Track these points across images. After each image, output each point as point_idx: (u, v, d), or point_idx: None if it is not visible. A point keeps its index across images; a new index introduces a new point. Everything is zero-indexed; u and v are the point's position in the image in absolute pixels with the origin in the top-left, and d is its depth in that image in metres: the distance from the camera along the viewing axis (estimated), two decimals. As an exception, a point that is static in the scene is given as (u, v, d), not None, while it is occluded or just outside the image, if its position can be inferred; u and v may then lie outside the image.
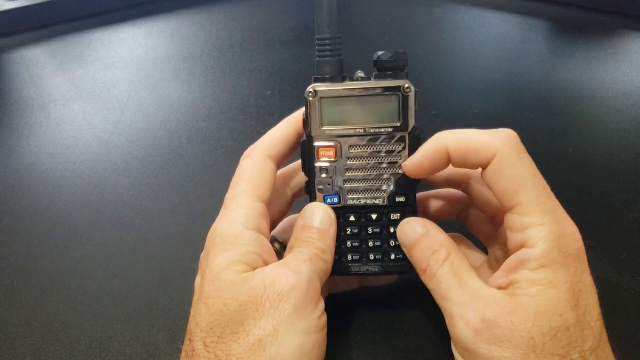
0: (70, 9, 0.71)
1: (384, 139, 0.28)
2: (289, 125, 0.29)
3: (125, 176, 0.46)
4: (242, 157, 0.29)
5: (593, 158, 0.44)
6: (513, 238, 0.24)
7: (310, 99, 0.27)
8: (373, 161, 0.28)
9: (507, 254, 0.26)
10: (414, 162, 0.27)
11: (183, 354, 0.25)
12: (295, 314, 0.23)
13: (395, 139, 0.28)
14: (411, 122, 0.27)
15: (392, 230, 0.29)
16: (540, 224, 0.23)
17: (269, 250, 0.26)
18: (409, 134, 0.27)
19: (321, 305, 0.25)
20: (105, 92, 0.57)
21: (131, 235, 0.40)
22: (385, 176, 0.28)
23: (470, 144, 0.25)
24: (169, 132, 0.51)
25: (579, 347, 0.22)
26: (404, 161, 0.28)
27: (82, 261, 0.38)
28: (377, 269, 0.29)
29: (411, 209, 0.29)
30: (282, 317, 0.23)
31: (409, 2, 0.71)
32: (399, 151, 0.28)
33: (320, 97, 0.27)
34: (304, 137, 0.28)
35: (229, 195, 0.27)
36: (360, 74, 0.28)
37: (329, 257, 0.27)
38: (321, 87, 0.27)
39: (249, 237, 0.25)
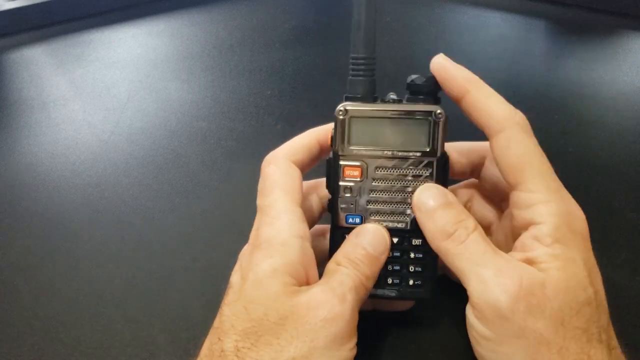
0: (70, 9, 0.71)
1: (412, 163, 0.27)
2: (312, 136, 0.29)
3: (125, 176, 0.46)
4: (265, 164, 0.29)
5: (593, 158, 0.44)
6: (520, 215, 0.25)
7: (341, 117, 0.27)
8: (399, 184, 0.28)
9: (510, 238, 0.27)
10: (446, 64, 0.27)
11: (207, 351, 0.24)
12: (332, 343, 0.23)
13: (423, 164, 0.27)
14: (440, 149, 0.27)
15: (412, 255, 0.28)
16: (547, 201, 0.24)
17: (311, 259, 0.26)
18: (437, 160, 0.27)
19: (355, 337, 0.25)
20: (105, 92, 0.57)
21: (131, 235, 0.40)
22: (409, 200, 0.28)
23: (488, 105, 0.26)
24: (169, 132, 0.51)
25: (596, 322, 0.23)
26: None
27: (82, 261, 0.38)
28: (393, 294, 0.29)
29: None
30: (319, 343, 0.23)
31: (409, 2, 0.71)
32: (426, 176, 0.27)
33: (351, 117, 0.27)
34: (330, 155, 0.28)
35: (264, 202, 0.27)
36: (392, 95, 0.27)
37: (371, 284, 0.27)
38: (352, 106, 0.27)
39: (295, 245, 0.25)
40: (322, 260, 0.29)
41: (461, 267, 0.25)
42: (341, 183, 0.28)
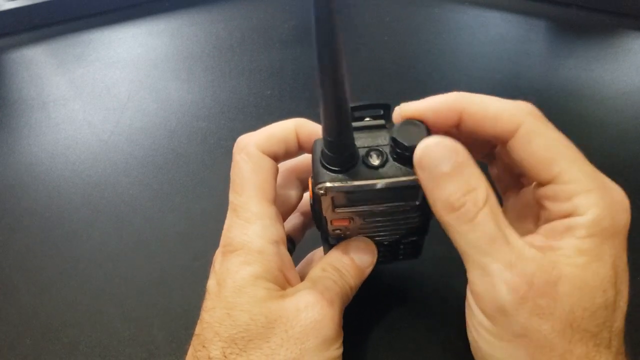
0: (70, 9, 0.71)
1: (401, 211, 0.26)
2: (290, 128, 0.27)
3: (125, 176, 0.46)
4: (236, 149, 0.27)
5: (593, 158, 0.44)
6: (558, 208, 0.22)
7: (322, 194, 0.24)
8: (388, 224, 0.27)
9: (524, 219, 0.25)
10: (414, 107, 0.23)
11: (192, 358, 0.24)
12: (323, 345, 0.23)
13: (413, 210, 0.26)
14: None
15: (401, 246, 0.29)
16: (588, 190, 0.21)
17: (288, 262, 0.26)
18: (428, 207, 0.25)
19: (341, 336, 0.25)
20: (105, 92, 0.57)
21: (131, 235, 0.40)
22: (399, 230, 0.27)
23: (490, 110, 0.23)
24: (169, 132, 0.51)
25: (609, 327, 0.21)
26: (417, 218, 0.26)
27: (82, 261, 0.38)
28: (381, 260, 0.29)
29: (422, 240, 0.29)
30: (310, 345, 0.23)
31: (409, 2, 0.71)
32: (414, 216, 0.26)
33: (332, 196, 0.24)
34: (316, 206, 0.26)
35: (236, 201, 0.26)
36: (373, 155, 0.23)
37: (353, 295, 0.27)
38: (334, 186, 0.23)
39: (272, 252, 0.25)
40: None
41: (464, 250, 0.22)
42: (329, 228, 0.27)
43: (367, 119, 0.25)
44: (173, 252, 0.38)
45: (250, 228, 0.25)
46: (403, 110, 0.24)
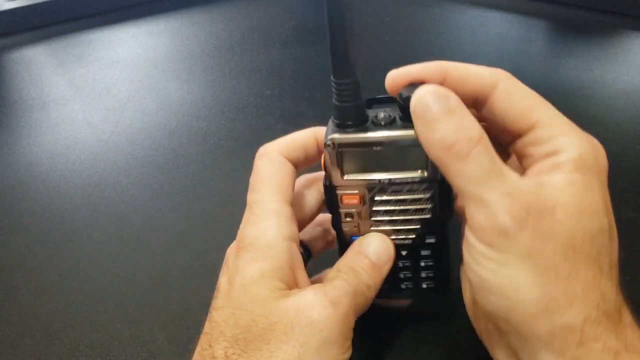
0: (70, 9, 0.71)
1: (410, 188, 0.26)
2: (310, 135, 0.28)
3: (125, 176, 0.46)
4: (257, 156, 0.28)
5: (593, 158, 0.44)
6: (541, 150, 0.23)
7: (330, 150, 0.25)
8: (399, 208, 0.27)
9: None
10: (402, 70, 0.25)
11: (198, 356, 0.24)
12: (323, 347, 0.23)
13: (423, 188, 0.26)
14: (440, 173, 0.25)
15: (422, 264, 0.28)
16: (569, 132, 0.23)
17: (299, 262, 0.26)
18: (438, 183, 0.25)
19: (349, 340, 0.24)
20: (105, 92, 0.57)
21: (131, 235, 0.40)
22: (413, 222, 0.27)
23: (472, 71, 0.24)
24: (169, 132, 0.51)
25: (608, 255, 0.22)
26: (430, 210, 0.26)
27: (82, 261, 0.38)
28: (407, 302, 0.30)
29: (443, 245, 0.28)
30: (309, 347, 0.23)
31: (409, 2, 0.71)
32: (426, 199, 0.26)
33: (340, 149, 0.25)
34: (326, 181, 0.27)
35: (252, 198, 0.26)
36: (383, 114, 0.25)
37: (373, 294, 0.26)
38: (341, 137, 0.25)
39: (282, 248, 0.25)
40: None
41: (461, 187, 0.22)
42: (341, 210, 0.27)
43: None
44: (173, 252, 0.38)
45: (263, 223, 0.25)
46: (391, 74, 0.25)
